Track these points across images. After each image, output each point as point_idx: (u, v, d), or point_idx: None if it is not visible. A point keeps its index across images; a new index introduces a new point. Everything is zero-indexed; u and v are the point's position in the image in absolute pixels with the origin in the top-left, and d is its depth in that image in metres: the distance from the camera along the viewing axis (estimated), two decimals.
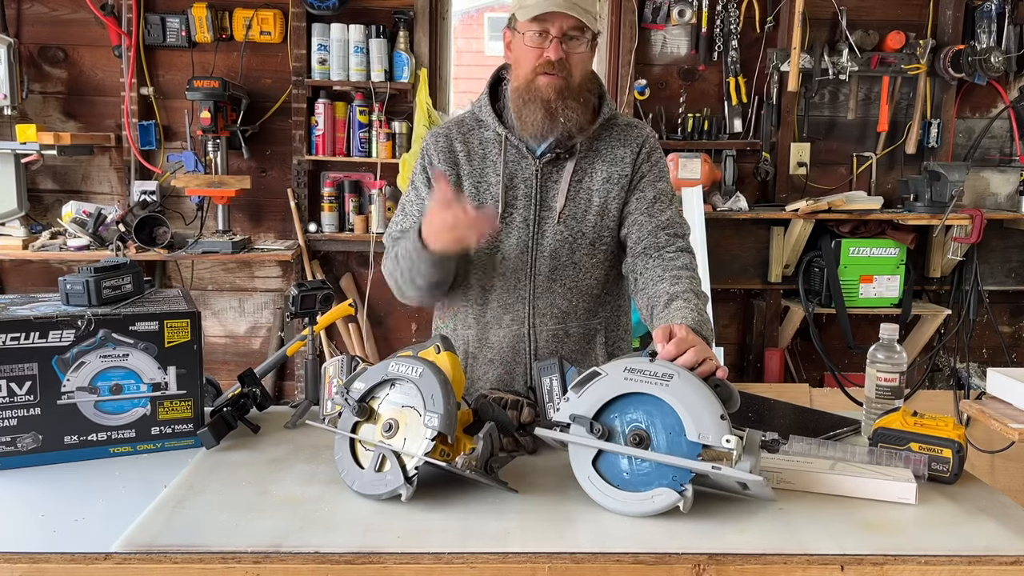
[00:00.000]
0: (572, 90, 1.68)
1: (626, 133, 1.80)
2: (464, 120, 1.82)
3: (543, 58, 1.65)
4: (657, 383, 1.24)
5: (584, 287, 1.79)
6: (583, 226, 1.76)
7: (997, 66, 3.65)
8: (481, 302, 1.80)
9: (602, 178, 1.76)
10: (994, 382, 2.01)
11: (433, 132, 1.83)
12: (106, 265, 1.50)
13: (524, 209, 1.75)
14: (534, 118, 1.68)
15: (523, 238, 1.75)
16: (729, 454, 1.18)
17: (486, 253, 1.76)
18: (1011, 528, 1.20)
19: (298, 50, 3.66)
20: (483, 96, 1.81)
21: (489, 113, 1.77)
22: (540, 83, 1.67)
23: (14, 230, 3.50)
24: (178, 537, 1.13)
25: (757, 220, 3.78)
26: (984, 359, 4.05)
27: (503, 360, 1.79)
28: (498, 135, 1.76)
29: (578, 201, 1.76)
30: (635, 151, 1.78)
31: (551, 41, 1.64)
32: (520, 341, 1.78)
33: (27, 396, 1.38)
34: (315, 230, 3.76)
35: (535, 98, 1.67)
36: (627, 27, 3.75)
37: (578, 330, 1.81)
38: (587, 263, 1.78)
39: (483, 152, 1.78)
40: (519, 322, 1.78)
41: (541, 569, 1.08)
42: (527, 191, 1.75)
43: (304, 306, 1.72)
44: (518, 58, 1.71)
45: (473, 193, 1.76)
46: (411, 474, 1.24)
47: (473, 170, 1.77)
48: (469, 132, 1.79)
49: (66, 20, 3.68)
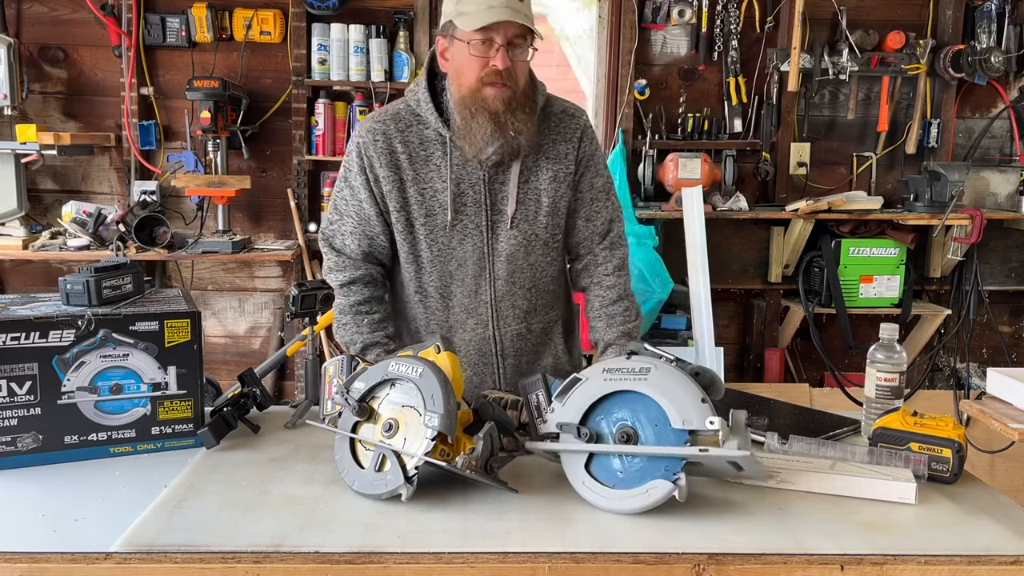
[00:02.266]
0: (519, 99, 1.64)
1: (563, 124, 1.77)
2: (400, 115, 1.74)
3: (489, 67, 1.60)
4: (636, 378, 1.25)
5: (542, 285, 1.81)
6: (536, 228, 1.76)
7: (997, 66, 3.65)
8: (443, 307, 1.79)
9: (548, 177, 1.75)
10: (994, 382, 2.01)
11: (369, 128, 1.73)
12: (106, 265, 1.50)
13: (475, 216, 1.73)
14: (483, 131, 1.64)
15: (478, 244, 1.74)
16: (716, 436, 1.19)
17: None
18: (1011, 528, 1.20)
19: (298, 50, 3.66)
20: (421, 90, 1.72)
21: (431, 111, 1.70)
22: (487, 94, 1.62)
23: (14, 230, 3.50)
24: (178, 537, 1.13)
25: (757, 220, 3.78)
26: (984, 359, 4.05)
27: (471, 362, 1.80)
28: (441, 136, 1.71)
29: (528, 203, 1.74)
30: (575, 146, 1.77)
31: (497, 50, 1.59)
32: (486, 343, 1.80)
33: (27, 396, 1.38)
34: (315, 230, 3.75)
35: (482, 110, 1.63)
36: (627, 27, 3.74)
37: (539, 325, 1.84)
38: (543, 262, 1.80)
39: (425, 154, 1.72)
40: (483, 325, 1.79)
41: (541, 569, 1.08)
42: (476, 197, 1.72)
43: (304, 306, 1.72)
44: (460, 67, 1.64)
45: (419, 200, 1.72)
46: (411, 474, 1.24)
47: (417, 176, 1.71)
48: (407, 129, 1.72)
49: (66, 20, 3.68)
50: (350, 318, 1.78)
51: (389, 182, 1.71)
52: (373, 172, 1.72)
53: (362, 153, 1.73)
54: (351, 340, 1.78)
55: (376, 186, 1.73)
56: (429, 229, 1.73)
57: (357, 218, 1.75)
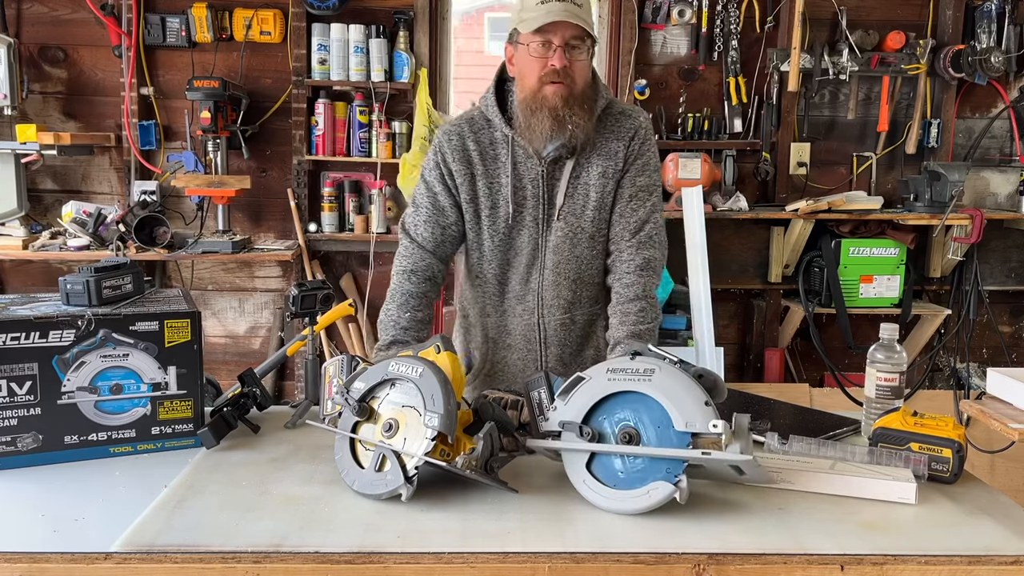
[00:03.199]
0: (576, 98, 1.74)
1: (619, 124, 1.85)
2: (474, 119, 1.88)
3: (548, 67, 1.71)
4: (640, 379, 1.25)
5: (587, 278, 1.89)
6: (582, 221, 1.84)
7: (997, 66, 3.65)
8: (498, 293, 1.91)
9: (598, 172, 1.83)
10: (994, 382, 2.01)
11: (446, 129, 1.88)
12: (106, 265, 1.50)
13: (533, 209, 1.83)
14: (542, 127, 1.74)
15: (533, 236, 1.85)
16: (718, 439, 1.19)
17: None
18: (1011, 528, 1.20)
19: (298, 50, 3.66)
20: (489, 96, 1.86)
21: (496, 113, 1.83)
22: (546, 92, 1.72)
23: (14, 230, 3.50)
24: (178, 537, 1.13)
25: (757, 220, 3.78)
26: (984, 359, 4.05)
27: (516, 348, 1.92)
28: (505, 136, 1.82)
29: (576, 197, 1.83)
30: (626, 144, 1.84)
31: (555, 50, 1.70)
32: (531, 330, 1.90)
33: (27, 396, 1.38)
34: (315, 230, 3.76)
35: (542, 107, 1.73)
36: (627, 27, 3.75)
37: (583, 318, 1.92)
38: (588, 255, 1.87)
39: (494, 153, 1.84)
40: (530, 312, 1.89)
41: (541, 569, 1.08)
42: (535, 191, 1.83)
43: (304, 306, 1.72)
44: (523, 70, 1.76)
45: (486, 193, 1.84)
46: (411, 474, 1.24)
47: (486, 170, 1.84)
48: (480, 131, 1.86)
49: (66, 20, 3.68)
50: (396, 306, 1.85)
51: (461, 175, 1.84)
52: (447, 167, 1.84)
53: (438, 150, 1.86)
54: (385, 328, 1.84)
55: (450, 179, 1.85)
56: (492, 220, 1.85)
57: (432, 208, 1.86)
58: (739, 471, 1.22)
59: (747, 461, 1.18)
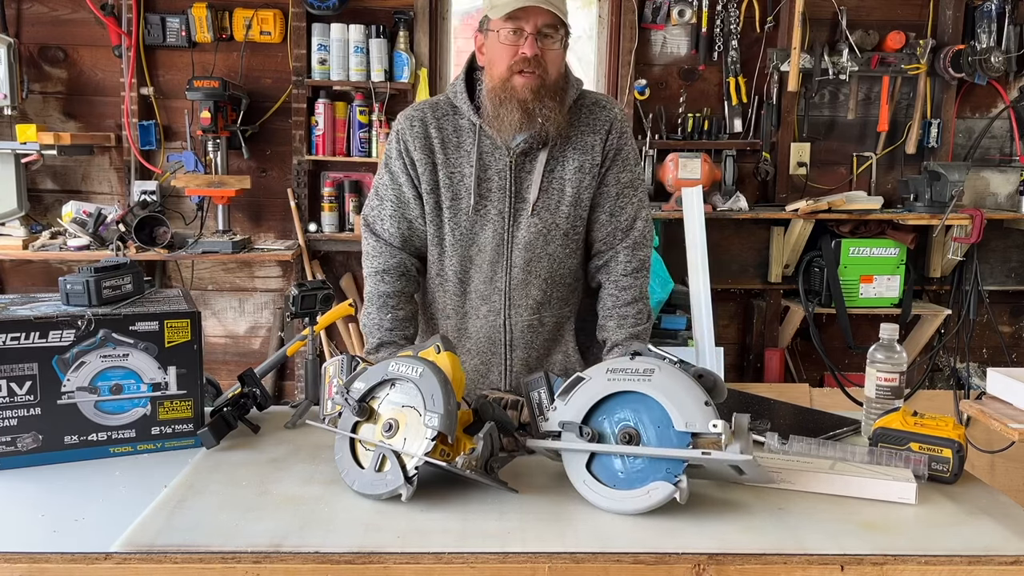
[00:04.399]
0: (548, 89, 1.67)
1: (594, 116, 1.78)
2: (439, 104, 1.80)
3: (518, 55, 1.63)
4: (639, 379, 1.25)
5: (558, 277, 1.81)
6: (557, 217, 1.77)
7: (997, 66, 3.65)
8: (460, 292, 1.82)
9: (574, 167, 1.76)
10: (994, 382, 2.01)
11: (407, 115, 1.80)
12: (106, 265, 1.50)
13: (499, 201, 1.75)
14: (511, 119, 1.67)
15: (499, 230, 1.76)
16: (718, 439, 1.19)
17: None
18: (1011, 528, 1.20)
19: (298, 50, 3.66)
20: (459, 82, 1.78)
21: (465, 101, 1.75)
22: (516, 83, 1.65)
23: (14, 230, 3.50)
24: (178, 537, 1.13)
25: (757, 220, 3.78)
26: (984, 359, 4.05)
27: (479, 350, 1.83)
28: (473, 124, 1.75)
29: (551, 192, 1.76)
30: (603, 138, 1.77)
31: (526, 38, 1.62)
32: (496, 331, 1.81)
33: (27, 396, 1.38)
34: (315, 230, 3.76)
35: (511, 98, 1.66)
36: (627, 27, 3.75)
37: (551, 319, 1.84)
38: (561, 254, 1.80)
39: (457, 140, 1.77)
40: (495, 313, 1.80)
41: (541, 569, 1.08)
42: (501, 183, 1.75)
43: (304, 306, 1.72)
44: (492, 58, 1.68)
45: (447, 183, 1.76)
46: (411, 474, 1.24)
47: (448, 159, 1.76)
48: (443, 117, 1.78)
49: (66, 20, 3.68)
50: (375, 309, 1.81)
51: (423, 164, 1.76)
52: (409, 155, 1.76)
53: (400, 138, 1.78)
54: (370, 332, 1.81)
55: (412, 169, 1.77)
56: (453, 212, 1.77)
57: (396, 202, 1.79)
58: (739, 471, 1.22)
59: (747, 461, 1.18)
